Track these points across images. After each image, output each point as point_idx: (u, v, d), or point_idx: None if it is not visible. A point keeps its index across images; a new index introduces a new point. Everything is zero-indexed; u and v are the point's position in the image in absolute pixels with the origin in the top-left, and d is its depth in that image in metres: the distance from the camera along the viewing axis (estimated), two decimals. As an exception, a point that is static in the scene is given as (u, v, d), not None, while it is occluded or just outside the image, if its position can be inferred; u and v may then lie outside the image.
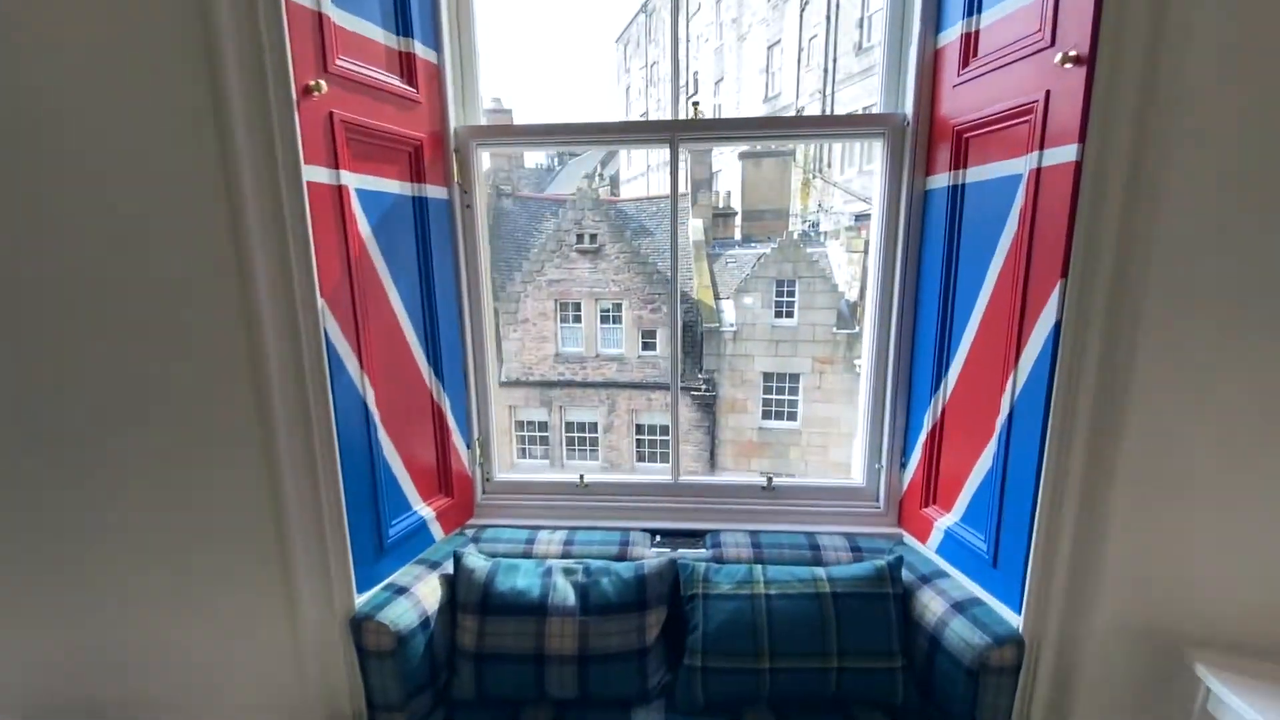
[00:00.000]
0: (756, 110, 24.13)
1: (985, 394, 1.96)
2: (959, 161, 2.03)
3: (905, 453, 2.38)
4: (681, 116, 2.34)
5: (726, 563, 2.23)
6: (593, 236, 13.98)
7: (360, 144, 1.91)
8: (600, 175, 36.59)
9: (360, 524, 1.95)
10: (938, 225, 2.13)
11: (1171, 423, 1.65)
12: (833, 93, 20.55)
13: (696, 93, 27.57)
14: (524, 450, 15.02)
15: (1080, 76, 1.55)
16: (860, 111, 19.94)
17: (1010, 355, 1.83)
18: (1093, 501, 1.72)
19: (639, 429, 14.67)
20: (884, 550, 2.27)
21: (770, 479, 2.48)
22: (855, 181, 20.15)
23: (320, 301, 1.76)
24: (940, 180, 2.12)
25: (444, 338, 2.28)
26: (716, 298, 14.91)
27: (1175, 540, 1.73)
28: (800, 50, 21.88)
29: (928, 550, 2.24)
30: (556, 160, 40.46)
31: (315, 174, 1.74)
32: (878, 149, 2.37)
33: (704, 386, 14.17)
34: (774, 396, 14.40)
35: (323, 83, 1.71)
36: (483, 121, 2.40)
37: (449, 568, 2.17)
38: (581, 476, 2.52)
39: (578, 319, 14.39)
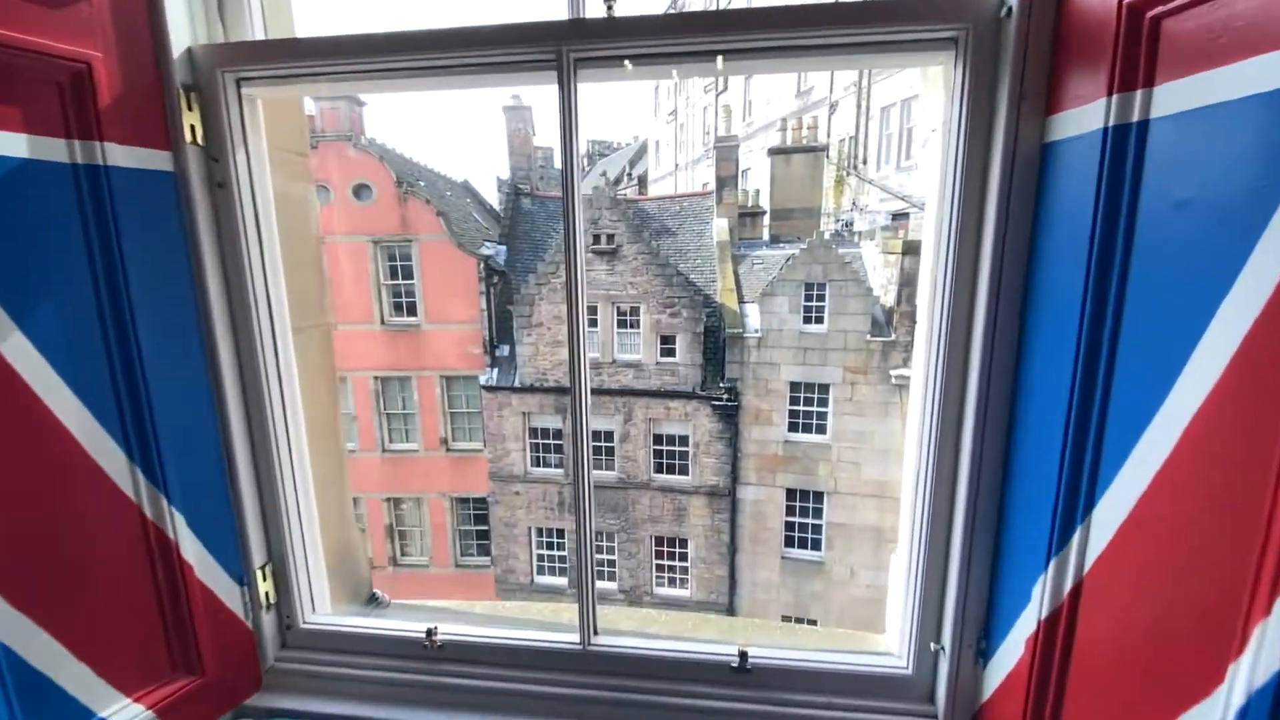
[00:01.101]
0: (789, 106, 22.72)
1: (1200, 587, 0.85)
2: (1135, 75, 0.92)
3: (990, 635, 1.26)
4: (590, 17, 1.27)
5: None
6: (610, 237, 12.98)
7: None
8: (629, 175, 35.60)
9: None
10: (1075, 212, 1.02)
11: None
12: (869, 85, 19.01)
13: (726, 89, 26.18)
14: (538, 459, 14.17)
15: None
16: (900, 105, 18.41)
17: (1296, 529, 0.71)
18: None
19: (658, 439, 13.64)
20: (949, 831, 1.17)
21: (744, 655, 1.40)
22: (893, 178, 18.57)
23: None
24: (1083, 119, 1.01)
25: (164, 407, 1.28)
26: (741, 301, 13.73)
27: None
28: (835, 41, 20.34)
29: (1037, 840, 1.13)
30: (586, 161, 39.70)
31: None
32: (938, 82, 1.27)
33: (725, 396, 13.03)
34: (801, 408, 13.13)
35: None
36: (259, 36, 1.39)
37: (143, 834, 1.18)
38: (431, 632, 1.48)
39: (594, 323, 13.41)
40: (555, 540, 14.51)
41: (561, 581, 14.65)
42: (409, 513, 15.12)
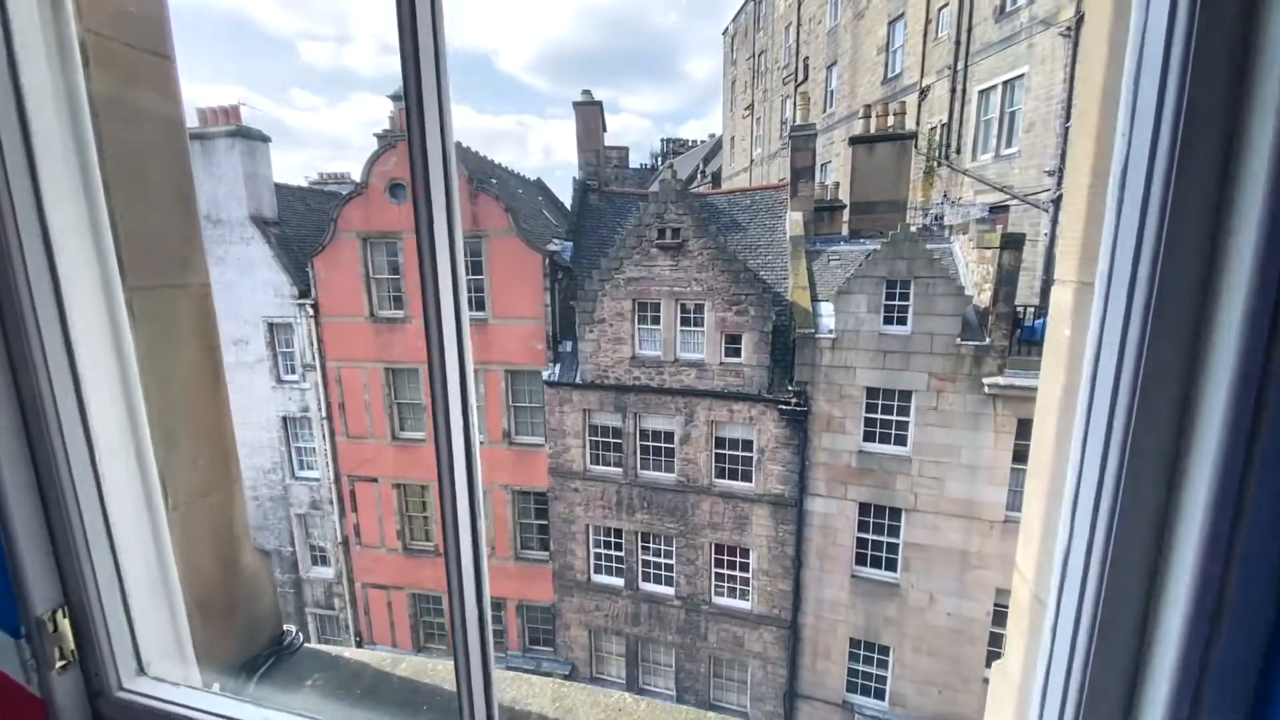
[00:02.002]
0: (874, 94, 21.16)
1: None
2: None
3: None
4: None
5: None
6: (675, 231, 12.39)
7: None
8: (702, 172, 34.80)
9: None
10: None
11: None
12: (966, 66, 17.24)
13: (806, 80, 24.81)
14: (597, 457, 13.84)
15: None
16: (1001, 87, 16.53)
17: None
18: None
19: (719, 442, 12.90)
20: None
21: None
22: (990, 168, 16.73)
23: None
24: None
25: None
26: (814, 299, 12.71)
27: None
28: (928, 22, 18.69)
29: None
30: (660, 160, 39.27)
31: None
32: None
33: (794, 400, 12.08)
34: (879, 416, 11.94)
35: None
36: None
37: None
38: (263, 734, 1.00)
39: (656, 320, 12.89)
40: (613, 540, 14.14)
41: (618, 582, 14.27)
42: (473, 503, 15.25)
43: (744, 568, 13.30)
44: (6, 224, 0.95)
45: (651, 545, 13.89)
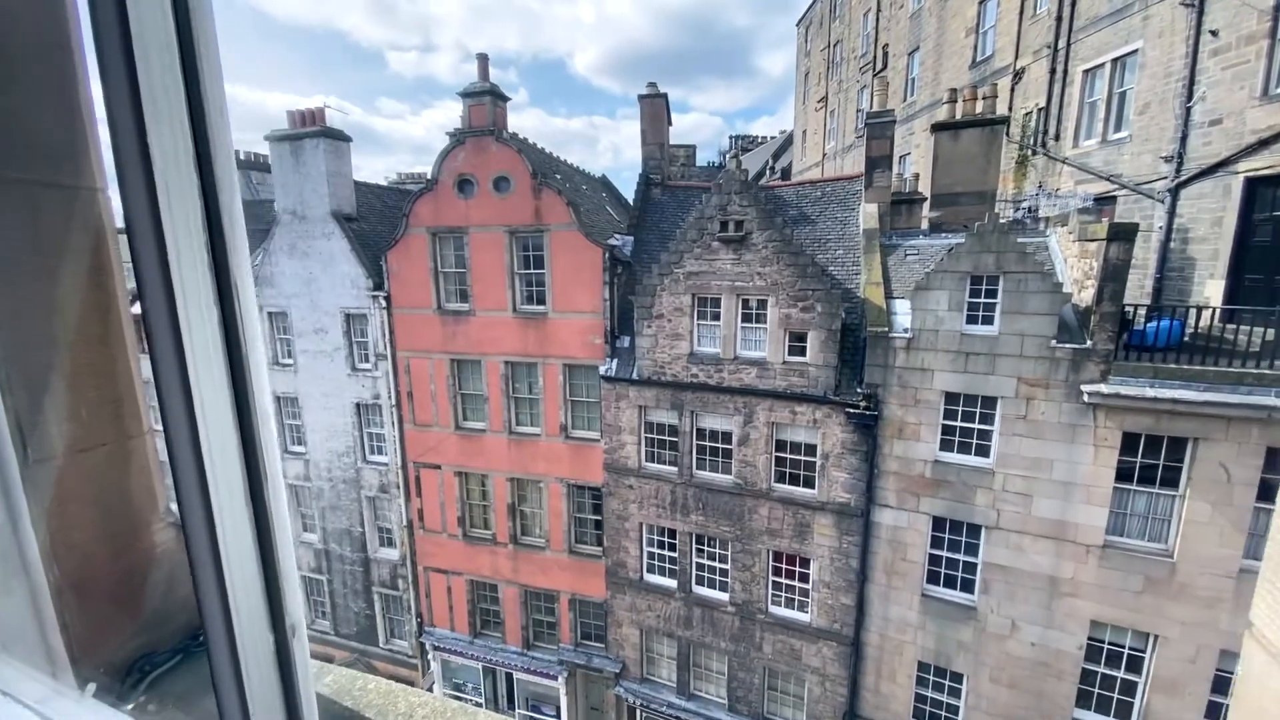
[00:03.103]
0: (961, 82, 19.61)
1: None
2: None
3: None
4: None
5: None
6: (739, 224, 11.82)
7: None
8: (772, 168, 33.69)
9: None
10: None
11: None
12: (1068, 44, 15.55)
13: (885, 68, 23.37)
14: (653, 454, 13.48)
15: None
16: (1110, 65, 14.77)
17: None
18: None
19: (780, 445, 12.21)
20: None
21: None
22: (1095, 155, 15.00)
23: None
24: None
25: None
26: (888, 296, 11.78)
27: None
28: (1025, -2, 17.04)
29: None
30: (727, 157, 38.43)
31: None
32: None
33: (863, 403, 11.22)
34: (958, 423, 10.87)
35: None
36: None
37: None
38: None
39: (716, 316, 12.37)
40: (667, 540, 13.75)
41: (671, 583, 13.86)
42: (530, 494, 15.31)
43: (804, 578, 12.55)
44: None
45: (706, 548, 13.39)
